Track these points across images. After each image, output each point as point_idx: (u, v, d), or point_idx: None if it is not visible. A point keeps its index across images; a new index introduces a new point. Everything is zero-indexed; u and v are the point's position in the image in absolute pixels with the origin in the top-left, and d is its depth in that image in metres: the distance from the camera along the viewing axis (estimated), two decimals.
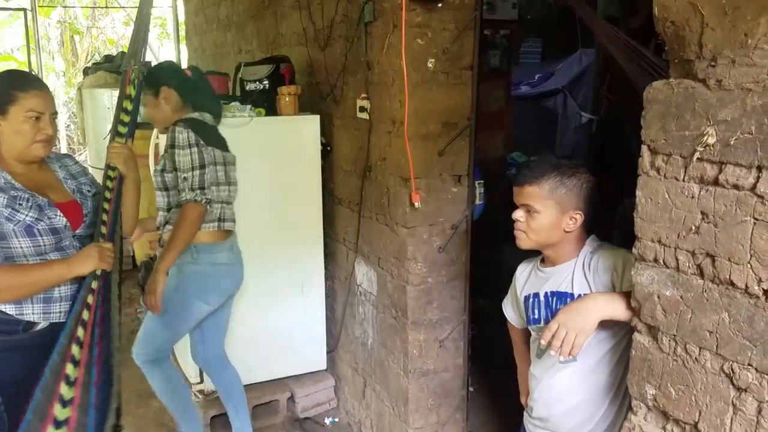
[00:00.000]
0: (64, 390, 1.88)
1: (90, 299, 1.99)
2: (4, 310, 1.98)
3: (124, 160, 2.21)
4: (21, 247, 1.97)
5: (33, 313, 2.02)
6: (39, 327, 2.04)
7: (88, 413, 1.92)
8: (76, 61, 13.25)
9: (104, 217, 2.12)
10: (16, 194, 1.98)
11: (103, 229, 2.10)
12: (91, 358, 1.96)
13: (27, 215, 1.97)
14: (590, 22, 1.93)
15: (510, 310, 2.04)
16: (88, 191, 2.23)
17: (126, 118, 2.27)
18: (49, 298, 2.03)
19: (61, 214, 2.06)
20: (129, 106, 2.28)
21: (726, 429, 1.22)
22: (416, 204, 2.56)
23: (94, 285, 2.01)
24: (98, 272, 2.02)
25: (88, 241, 2.16)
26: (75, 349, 1.92)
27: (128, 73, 2.27)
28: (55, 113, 2.09)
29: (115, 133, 2.26)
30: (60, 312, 2.06)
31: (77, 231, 2.11)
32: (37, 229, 1.99)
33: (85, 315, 1.97)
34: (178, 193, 2.65)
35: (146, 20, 2.41)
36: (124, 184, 2.24)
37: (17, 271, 1.96)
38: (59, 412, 1.86)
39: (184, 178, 2.60)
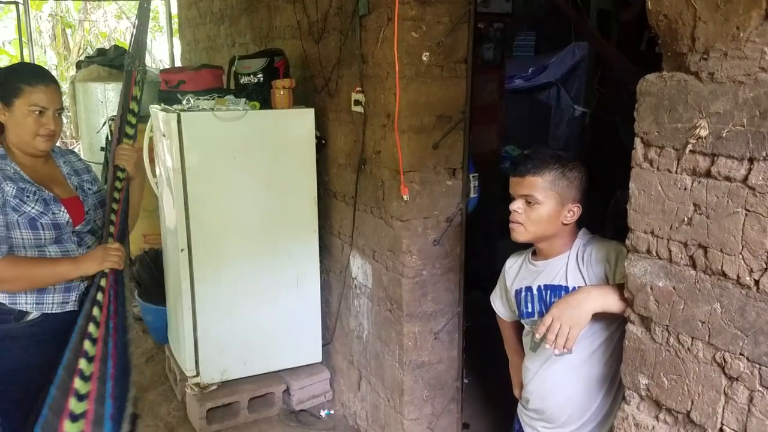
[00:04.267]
0: (79, 384, 1.90)
1: (100, 297, 2.01)
2: (1, 300, 2.00)
3: (134, 162, 2.23)
4: (22, 239, 1.99)
5: (26, 303, 2.04)
6: (31, 317, 2.05)
7: (104, 404, 1.93)
8: (68, 55, 13.17)
9: (113, 217, 2.14)
10: (24, 186, 2.00)
11: (112, 229, 2.13)
12: (106, 352, 1.98)
13: (33, 208, 1.99)
14: (581, 28, 1.93)
15: (499, 304, 2.04)
16: (89, 188, 2.25)
17: (133, 120, 2.27)
18: (43, 289, 2.05)
19: (65, 210, 2.07)
20: (135, 107, 2.28)
21: (718, 417, 1.24)
22: (405, 197, 2.56)
23: (103, 283, 2.03)
24: (106, 270, 2.05)
25: (85, 237, 2.17)
26: (87, 345, 1.94)
27: (133, 73, 2.26)
28: (61, 109, 2.10)
29: (123, 135, 2.25)
30: (53, 303, 2.07)
31: (77, 227, 2.12)
32: (41, 222, 2.01)
33: (96, 312, 1.99)
34: None
35: (147, 18, 2.39)
36: (131, 185, 2.26)
37: (25, 262, 1.98)
38: (75, 405, 1.88)
39: None
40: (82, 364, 1.92)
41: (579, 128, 5.86)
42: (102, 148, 5.45)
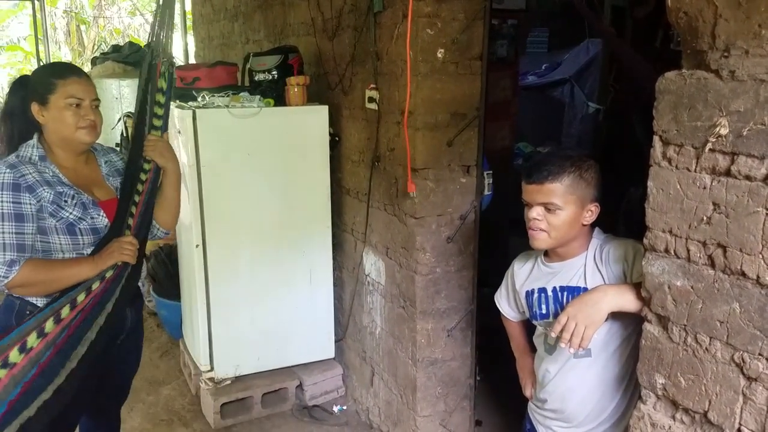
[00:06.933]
0: (14, 354, 1.80)
1: (95, 286, 1.98)
2: (33, 302, 2.00)
3: (161, 152, 2.20)
4: (60, 243, 1.98)
5: (37, 298, 2.01)
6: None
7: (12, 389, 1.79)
8: (83, 51, 13.26)
9: (132, 209, 2.12)
10: (62, 190, 1.98)
11: (130, 221, 2.10)
12: (56, 338, 1.88)
13: (71, 213, 1.97)
14: (597, 28, 1.91)
15: (505, 305, 2.03)
16: None
17: (160, 111, 2.26)
18: None
19: (104, 214, 2.05)
20: (162, 99, 2.27)
21: (736, 418, 1.23)
22: (412, 194, 2.56)
23: (108, 274, 2.01)
24: (118, 263, 2.03)
25: None
26: (49, 324, 1.86)
27: (158, 65, 2.24)
28: (97, 100, 2.08)
29: (150, 127, 2.24)
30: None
31: None
32: (79, 228, 1.99)
33: (80, 298, 1.94)
34: None
35: (170, 10, 2.35)
36: (165, 176, 2.24)
37: (46, 266, 1.96)
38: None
39: None
40: (31, 338, 1.82)
41: (592, 125, 5.82)
42: (117, 144, 5.49)
